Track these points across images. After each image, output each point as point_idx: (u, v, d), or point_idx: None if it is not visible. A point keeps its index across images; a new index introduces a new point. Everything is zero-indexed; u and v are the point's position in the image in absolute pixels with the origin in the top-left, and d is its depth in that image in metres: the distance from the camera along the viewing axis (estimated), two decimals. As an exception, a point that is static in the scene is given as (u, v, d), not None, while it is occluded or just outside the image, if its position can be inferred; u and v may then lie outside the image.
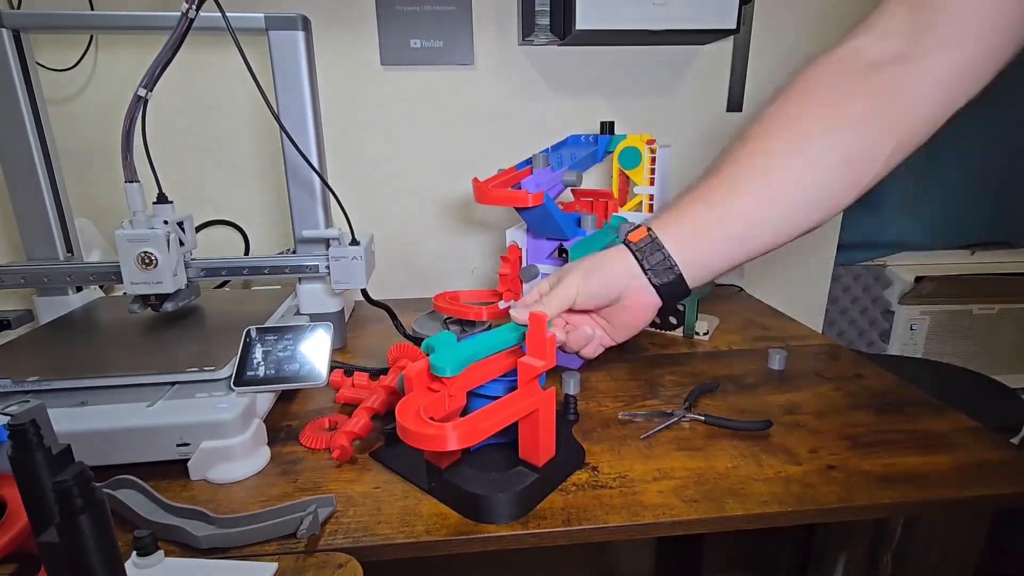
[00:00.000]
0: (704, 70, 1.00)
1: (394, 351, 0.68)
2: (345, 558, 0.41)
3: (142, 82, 0.59)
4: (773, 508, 0.46)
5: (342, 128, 0.95)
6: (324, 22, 0.89)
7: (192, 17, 0.59)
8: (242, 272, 0.74)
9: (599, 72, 0.98)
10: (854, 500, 0.47)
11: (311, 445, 0.55)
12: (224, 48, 0.89)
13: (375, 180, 0.99)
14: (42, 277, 0.72)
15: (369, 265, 0.76)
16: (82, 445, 0.48)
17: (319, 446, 0.55)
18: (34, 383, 0.53)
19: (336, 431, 0.53)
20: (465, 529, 0.44)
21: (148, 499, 0.46)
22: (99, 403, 0.51)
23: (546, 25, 0.89)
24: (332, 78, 0.92)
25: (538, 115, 0.99)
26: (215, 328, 0.69)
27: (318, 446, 0.55)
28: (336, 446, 0.51)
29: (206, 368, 0.55)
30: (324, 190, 0.75)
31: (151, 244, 0.63)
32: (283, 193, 0.76)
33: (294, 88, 0.70)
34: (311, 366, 0.57)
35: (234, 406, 0.51)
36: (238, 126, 0.94)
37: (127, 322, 0.69)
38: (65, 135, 0.87)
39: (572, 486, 0.49)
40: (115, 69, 0.90)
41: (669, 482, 0.49)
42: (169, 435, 0.49)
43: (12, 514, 0.40)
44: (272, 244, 1.00)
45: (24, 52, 0.68)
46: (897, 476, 0.50)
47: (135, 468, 0.50)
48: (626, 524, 0.45)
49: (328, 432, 0.56)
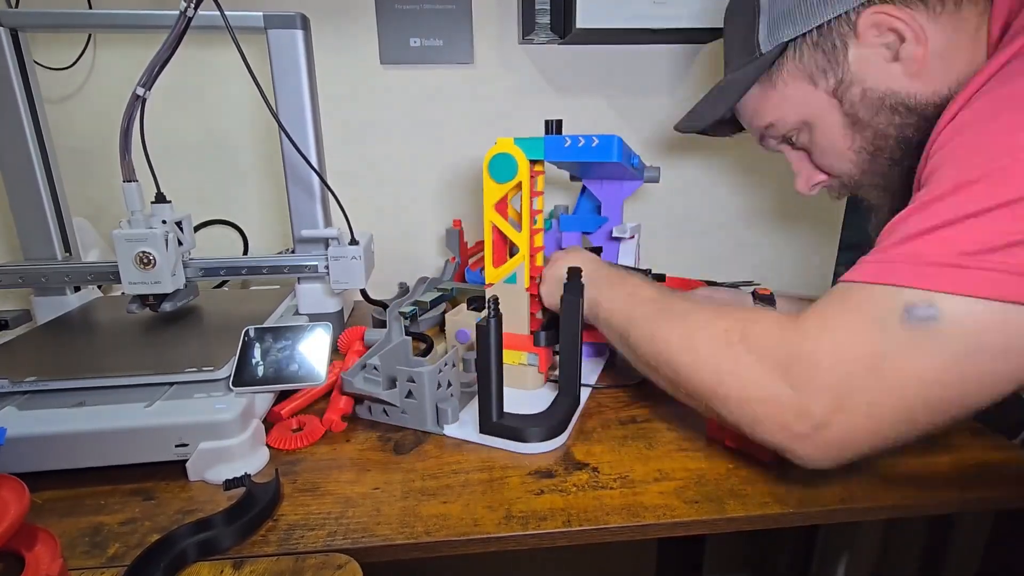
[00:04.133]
0: (704, 70, 1.00)
1: (344, 337, 0.70)
2: (344, 559, 0.41)
3: (140, 81, 0.59)
4: (774, 509, 0.46)
5: (342, 127, 0.95)
6: (323, 21, 0.89)
7: (190, 16, 0.58)
8: (241, 272, 0.74)
9: (599, 71, 0.98)
10: (855, 501, 0.47)
11: (279, 446, 0.55)
12: (223, 47, 0.89)
13: (375, 179, 0.99)
14: (40, 277, 0.72)
15: (368, 265, 0.75)
16: (80, 445, 0.48)
17: (288, 447, 0.55)
18: (32, 383, 0.53)
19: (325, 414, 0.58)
20: (465, 529, 0.44)
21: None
22: (97, 403, 0.51)
23: (546, 24, 0.89)
24: (331, 77, 0.92)
25: (538, 114, 0.98)
26: (214, 328, 0.68)
27: (288, 447, 0.55)
28: (328, 424, 0.57)
29: (205, 368, 0.55)
30: (323, 189, 0.75)
31: (149, 244, 0.63)
32: (282, 192, 0.76)
33: (293, 87, 0.70)
34: (310, 366, 0.57)
35: (233, 406, 0.51)
36: (237, 125, 0.94)
37: (125, 322, 0.69)
38: (63, 134, 0.87)
39: (572, 487, 0.49)
40: (113, 68, 0.90)
41: (670, 483, 0.49)
42: (167, 435, 0.49)
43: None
44: (271, 244, 1.00)
45: (22, 51, 0.68)
46: (897, 476, 0.50)
47: (133, 469, 0.50)
48: (626, 525, 0.45)
49: (296, 433, 0.56)
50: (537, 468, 0.52)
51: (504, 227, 0.61)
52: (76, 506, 0.47)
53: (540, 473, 0.51)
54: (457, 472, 0.51)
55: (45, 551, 0.39)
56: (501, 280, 0.63)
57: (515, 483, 0.50)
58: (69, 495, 0.48)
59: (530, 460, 0.53)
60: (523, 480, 0.50)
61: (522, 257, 0.61)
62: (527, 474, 0.51)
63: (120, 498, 0.48)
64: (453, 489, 0.49)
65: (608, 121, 1.00)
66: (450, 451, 0.55)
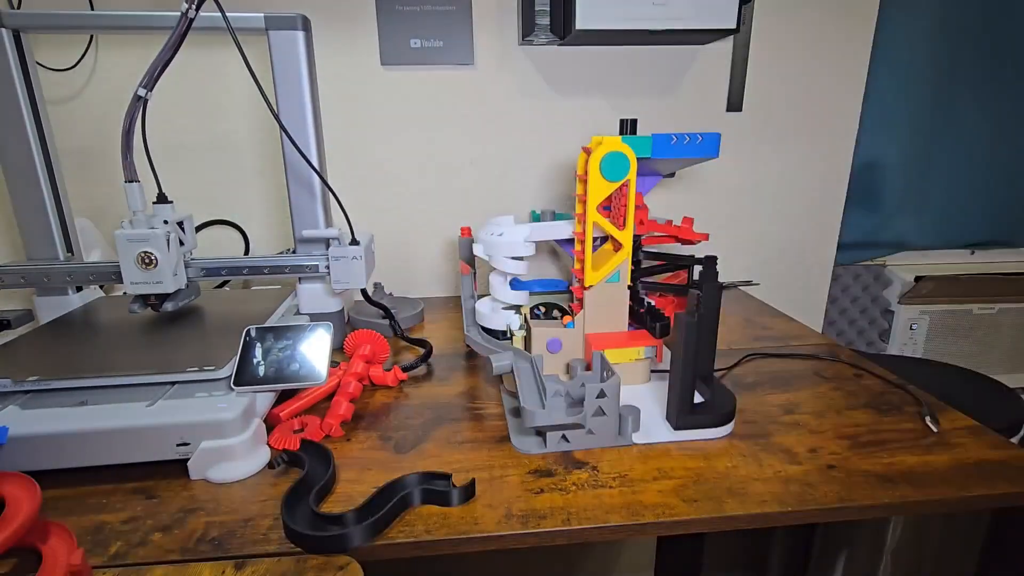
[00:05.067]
0: (704, 70, 1.00)
1: (351, 340, 0.70)
2: (345, 559, 0.41)
3: (142, 82, 0.59)
4: (773, 508, 0.46)
5: (342, 128, 0.95)
6: (324, 22, 0.89)
7: (192, 17, 0.59)
8: (242, 272, 0.74)
9: (599, 72, 0.98)
10: (854, 500, 0.47)
11: (280, 447, 0.55)
12: (224, 48, 0.89)
13: (375, 180, 0.99)
14: (42, 277, 0.72)
15: (369, 265, 0.76)
16: (82, 444, 0.49)
17: (291, 447, 0.55)
18: (34, 382, 0.53)
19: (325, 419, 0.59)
20: (465, 528, 0.44)
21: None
22: (99, 403, 0.51)
23: (546, 25, 0.89)
24: (332, 78, 0.92)
25: (538, 115, 0.99)
26: (215, 328, 0.68)
27: (290, 447, 0.55)
28: (328, 429, 0.58)
29: (206, 368, 0.55)
30: (324, 190, 0.75)
31: (151, 244, 0.63)
32: (283, 193, 0.76)
33: (294, 88, 0.70)
34: (311, 366, 0.57)
35: (234, 406, 0.51)
36: (238, 126, 0.94)
37: (127, 322, 0.69)
38: (65, 135, 0.88)
39: (572, 485, 0.49)
40: (115, 69, 0.90)
41: (669, 481, 0.49)
42: (169, 435, 0.49)
43: (11, 510, 0.40)
44: (272, 244, 1.00)
45: (24, 52, 0.68)
46: (897, 476, 0.50)
47: (135, 468, 0.50)
48: (626, 523, 0.45)
49: (296, 434, 0.57)
50: (537, 467, 0.52)
51: (607, 226, 0.61)
52: (78, 505, 0.47)
53: (540, 472, 0.51)
54: (457, 471, 0.51)
55: (60, 544, 0.40)
56: (603, 279, 0.63)
57: (515, 482, 0.50)
58: (71, 494, 0.49)
59: (530, 459, 0.53)
60: (523, 479, 0.50)
61: (626, 254, 0.62)
62: (527, 473, 0.51)
63: (122, 497, 0.48)
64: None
65: (608, 121, 1.00)
66: (450, 450, 0.55)
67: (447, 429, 0.59)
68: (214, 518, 0.46)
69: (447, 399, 0.65)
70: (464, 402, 0.64)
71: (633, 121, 0.64)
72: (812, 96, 1.03)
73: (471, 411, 0.62)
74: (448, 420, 0.60)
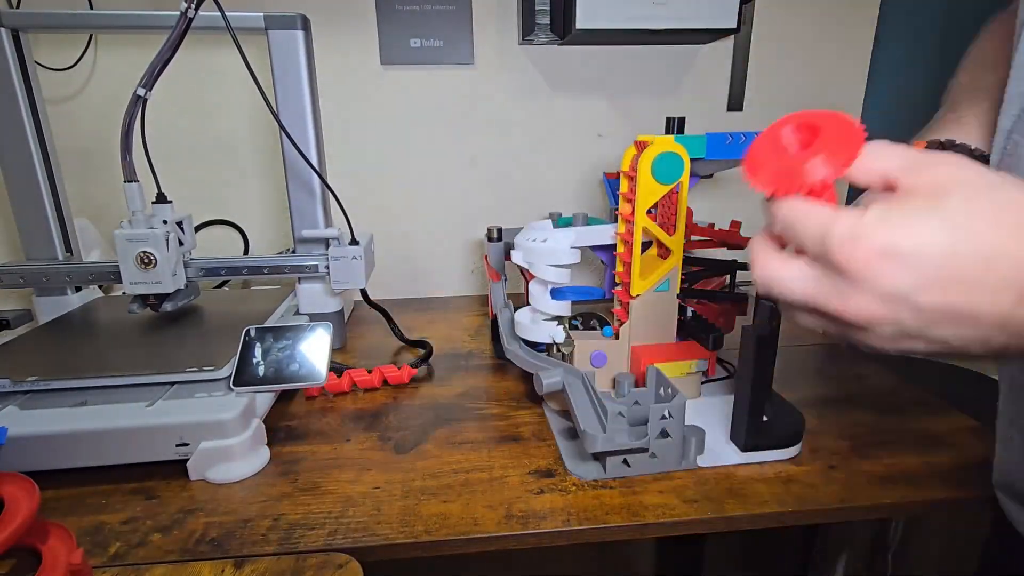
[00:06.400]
0: (704, 70, 1.00)
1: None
2: (345, 558, 0.41)
3: (141, 81, 0.59)
4: (773, 508, 0.46)
5: (342, 128, 0.95)
6: (324, 21, 0.89)
7: (191, 16, 0.58)
8: (241, 272, 0.74)
9: (599, 72, 0.98)
10: (854, 500, 0.47)
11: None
12: (224, 47, 0.89)
13: (375, 180, 0.99)
14: (41, 277, 0.72)
15: (369, 265, 0.76)
16: (81, 445, 0.49)
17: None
18: (33, 383, 0.53)
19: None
20: (465, 528, 0.44)
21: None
22: (98, 403, 0.51)
23: (546, 24, 0.89)
24: (332, 77, 0.92)
25: (538, 115, 0.99)
26: (214, 328, 0.68)
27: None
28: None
29: (205, 368, 0.55)
30: (324, 190, 0.75)
31: (150, 244, 0.63)
32: (283, 193, 0.76)
33: (294, 87, 0.70)
34: (311, 366, 0.57)
35: (233, 406, 0.51)
36: (237, 125, 0.94)
37: (126, 322, 0.69)
38: (64, 135, 0.87)
39: (572, 486, 0.49)
40: (114, 69, 0.90)
41: (669, 482, 0.49)
42: (168, 435, 0.49)
43: (10, 510, 0.40)
44: (271, 244, 1.00)
45: (23, 51, 0.68)
46: (897, 476, 0.50)
47: (134, 468, 0.50)
48: (626, 524, 0.45)
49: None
50: (537, 467, 0.52)
51: (657, 232, 0.57)
52: (77, 505, 0.47)
53: (540, 472, 0.51)
54: (457, 472, 0.51)
55: (60, 544, 0.40)
56: (651, 288, 0.58)
57: (515, 482, 0.50)
58: (70, 494, 0.49)
59: (530, 459, 0.53)
60: (523, 479, 0.50)
61: (675, 261, 0.58)
62: (527, 473, 0.51)
63: (121, 497, 0.48)
64: (453, 488, 0.49)
65: (608, 121, 1.00)
66: (450, 450, 0.55)
67: (447, 429, 0.59)
68: (213, 519, 0.46)
69: (447, 399, 0.65)
70: (464, 402, 0.64)
71: (681, 119, 0.58)
72: (813, 96, 1.03)
73: (471, 411, 0.62)
74: (448, 420, 0.60)
